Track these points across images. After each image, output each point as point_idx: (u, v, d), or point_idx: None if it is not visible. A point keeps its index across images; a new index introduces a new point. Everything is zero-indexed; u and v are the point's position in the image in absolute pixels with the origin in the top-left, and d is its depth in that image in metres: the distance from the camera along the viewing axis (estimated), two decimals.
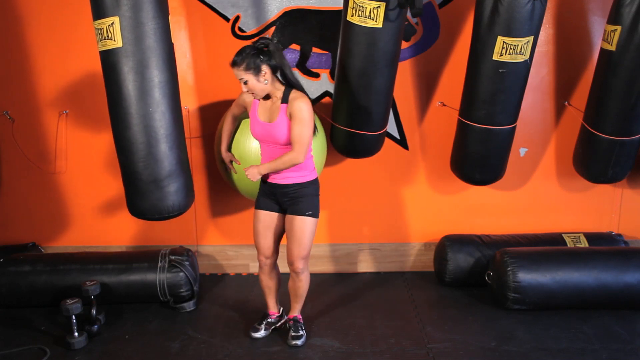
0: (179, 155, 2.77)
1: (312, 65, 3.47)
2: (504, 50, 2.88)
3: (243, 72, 2.52)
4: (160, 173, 2.71)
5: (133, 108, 2.62)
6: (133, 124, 2.63)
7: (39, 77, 3.46)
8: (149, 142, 2.66)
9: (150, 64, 2.60)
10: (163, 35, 2.62)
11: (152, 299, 3.23)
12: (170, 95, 2.69)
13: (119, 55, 2.56)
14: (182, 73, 3.44)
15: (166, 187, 2.74)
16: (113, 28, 2.52)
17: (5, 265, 3.23)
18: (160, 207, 2.76)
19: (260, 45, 2.53)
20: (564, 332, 2.93)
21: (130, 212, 2.86)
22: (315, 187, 2.70)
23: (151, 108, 2.63)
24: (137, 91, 2.60)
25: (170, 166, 2.73)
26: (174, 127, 2.73)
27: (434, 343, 2.85)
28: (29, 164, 3.57)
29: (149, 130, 2.65)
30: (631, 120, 3.10)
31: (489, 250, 3.42)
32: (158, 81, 2.63)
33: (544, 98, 3.57)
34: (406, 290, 3.49)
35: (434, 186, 3.69)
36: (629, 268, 3.09)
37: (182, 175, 2.80)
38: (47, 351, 2.79)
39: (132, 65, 2.57)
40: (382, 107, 3.09)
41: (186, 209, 2.89)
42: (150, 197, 2.74)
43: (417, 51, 3.46)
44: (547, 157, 3.67)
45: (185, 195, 2.84)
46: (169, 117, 2.69)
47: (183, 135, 2.85)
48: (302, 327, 2.88)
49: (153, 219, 2.81)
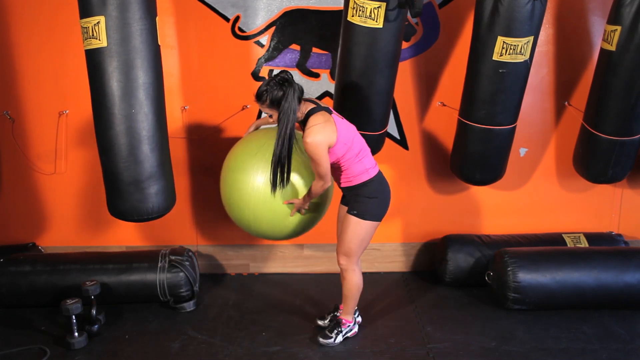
0: (160, 158, 2.73)
1: (312, 65, 3.47)
2: (504, 51, 2.89)
3: (267, 109, 2.54)
4: (141, 174, 2.67)
5: (116, 108, 2.59)
6: (115, 124, 2.61)
7: (39, 77, 3.46)
8: (130, 143, 2.63)
9: (135, 65, 2.58)
10: (149, 37, 2.60)
11: (152, 299, 3.23)
12: (154, 97, 2.66)
13: (103, 54, 2.54)
14: (182, 73, 3.44)
15: (147, 189, 2.70)
16: (99, 27, 2.51)
17: (5, 265, 3.23)
18: (140, 208, 2.73)
19: (279, 79, 2.51)
20: (564, 332, 2.93)
21: (110, 212, 2.82)
22: (368, 189, 2.69)
23: (134, 109, 2.61)
24: (121, 91, 2.58)
25: (152, 168, 2.69)
26: (157, 128, 2.70)
27: (434, 343, 2.85)
28: (29, 164, 3.57)
29: (131, 131, 2.62)
30: (631, 120, 3.09)
31: (489, 250, 3.42)
32: (142, 82, 2.60)
33: (544, 98, 3.57)
34: (406, 290, 3.49)
35: (434, 186, 3.69)
36: (629, 268, 3.09)
37: (163, 177, 2.77)
38: (47, 351, 2.79)
39: (116, 65, 2.55)
40: (383, 107, 3.09)
41: (166, 212, 2.85)
42: (130, 198, 2.70)
43: (417, 51, 3.46)
44: (547, 157, 3.67)
45: (165, 198, 2.80)
46: (152, 118, 2.66)
47: (166, 138, 2.81)
48: (337, 330, 2.86)
49: (132, 220, 2.78)
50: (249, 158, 2.73)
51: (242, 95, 3.49)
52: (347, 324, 2.87)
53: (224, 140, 3.57)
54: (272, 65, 3.47)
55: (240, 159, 2.76)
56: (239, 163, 2.76)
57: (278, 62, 3.46)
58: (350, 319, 2.88)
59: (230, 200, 2.79)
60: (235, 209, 2.79)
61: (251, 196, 2.68)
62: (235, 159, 2.79)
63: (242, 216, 2.77)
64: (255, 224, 2.77)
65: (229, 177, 2.78)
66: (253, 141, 2.81)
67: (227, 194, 2.80)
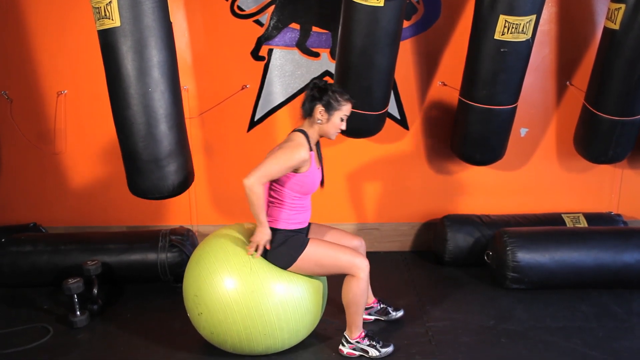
0: (178, 135, 2.76)
1: (312, 44, 3.44)
2: (506, 29, 2.86)
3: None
4: (160, 152, 2.71)
5: (132, 88, 2.60)
6: (132, 103, 2.62)
7: (37, 57, 3.43)
8: (148, 122, 2.65)
9: (149, 44, 2.57)
10: (161, 14, 2.59)
11: (153, 279, 3.25)
12: (169, 75, 2.67)
13: (117, 34, 2.53)
14: (181, 52, 3.41)
15: (166, 166, 2.74)
16: (111, 7, 2.49)
17: (7, 245, 3.25)
18: (160, 186, 2.77)
19: (313, 87, 2.46)
20: (562, 311, 2.96)
21: (132, 191, 2.87)
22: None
23: (150, 88, 2.61)
24: (136, 71, 2.58)
25: (170, 146, 2.72)
26: (173, 107, 2.72)
27: (433, 322, 2.87)
28: (29, 145, 3.56)
29: (149, 110, 2.64)
30: (633, 100, 3.08)
31: (489, 230, 3.43)
32: (157, 61, 2.60)
33: (546, 78, 3.54)
34: (406, 270, 3.52)
35: (433, 166, 3.69)
36: (627, 248, 3.11)
37: (181, 155, 2.80)
38: (50, 329, 2.82)
39: (130, 45, 2.54)
40: (384, 87, 3.07)
41: (185, 189, 2.90)
42: (151, 176, 2.74)
43: (417, 30, 3.43)
44: (547, 137, 3.66)
45: (185, 175, 2.84)
46: (168, 97, 2.68)
47: (182, 115, 2.84)
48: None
49: (154, 198, 2.82)
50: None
51: (241, 74, 3.47)
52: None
53: (224, 119, 3.55)
54: (272, 44, 3.44)
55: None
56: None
57: (277, 41, 3.43)
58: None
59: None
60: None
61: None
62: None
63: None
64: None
65: None
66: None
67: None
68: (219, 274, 2.37)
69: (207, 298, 2.38)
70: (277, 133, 3.57)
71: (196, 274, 2.44)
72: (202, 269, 2.42)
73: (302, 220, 2.53)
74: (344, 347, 2.58)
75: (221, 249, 2.44)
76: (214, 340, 2.50)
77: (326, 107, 2.41)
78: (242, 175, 2.47)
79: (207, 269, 2.41)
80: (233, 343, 2.44)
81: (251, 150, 3.60)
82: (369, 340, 2.56)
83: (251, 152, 3.60)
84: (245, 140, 3.60)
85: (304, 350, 2.62)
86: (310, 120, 2.47)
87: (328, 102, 2.41)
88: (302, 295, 2.43)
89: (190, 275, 2.48)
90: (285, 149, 2.38)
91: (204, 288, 2.39)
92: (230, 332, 2.39)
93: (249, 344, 2.43)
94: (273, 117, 3.56)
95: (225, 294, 2.35)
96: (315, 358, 2.57)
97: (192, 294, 2.45)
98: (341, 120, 2.46)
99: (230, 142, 3.60)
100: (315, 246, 2.46)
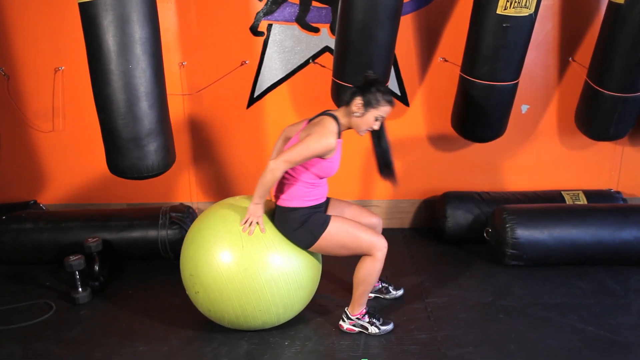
0: (159, 114, 2.70)
1: (311, 19, 3.39)
2: (509, 4, 2.81)
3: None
4: (140, 131, 2.65)
5: (113, 64, 2.54)
6: (113, 80, 2.56)
7: (34, 33, 3.39)
8: (128, 99, 2.59)
9: (131, 19, 2.50)
10: None
11: (153, 256, 3.28)
12: (151, 52, 2.60)
13: (98, 7, 2.46)
14: (179, 27, 3.36)
15: (146, 146, 2.69)
16: None
17: (7, 222, 3.26)
18: (139, 166, 2.72)
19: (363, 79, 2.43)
20: (560, 288, 2.98)
21: (110, 170, 2.81)
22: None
23: (131, 65, 2.55)
24: (117, 47, 2.52)
25: (151, 125, 2.67)
26: (155, 85, 2.65)
27: (432, 298, 2.90)
28: (27, 122, 3.54)
29: (129, 88, 2.58)
30: (636, 77, 3.05)
31: (488, 207, 3.44)
32: (139, 37, 2.54)
33: (548, 54, 3.50)
34: (405, 247, 3.53)
35: (434, 143, 3.67)
36: (625, 225, 3.12)
37: (162, 134, 2.74)
38: (53, 306, 2.85)
39: (111, 19, 2.48)
40: (384, 62, 3.04)
41: (166, 169, 2.84)
42: (130, 156, 2.69)
43: (418, 5, 3.38)
44: (549, 114, 3.64)
45: (165, 155, 2.79)
46: (150, 74, 2.61)
47: (164, 94, 2.77)
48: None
49: (132, 177, 2.77)
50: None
51: (240, 50, 3.43)
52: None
53: (223, 96, 3.53)
54: (271, 19, 3.39)
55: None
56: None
57: (277, 16, 3.38)
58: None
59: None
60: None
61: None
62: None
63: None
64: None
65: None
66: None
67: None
68: (212, 253, 2.39)
69: (202, 277, 2.41)
70: (277, 109, 3.55)
71: (191, 253, 2.47)
72: (197, 248, 2.44)
73: (319, 194, 2.52)
74: (344, 323, 2.61)
75: (213, 228, 2.45)
76: (212, 317, 2.54)
77: (365, 102, 2.38)
78: (242, 151, 2.49)
79: (201, 248, 2.42)
80: (230, 319, 2.48)
81: (251, 126, 3.58)
82: (369, 317, 2.59)
83: (251, 129, 3.59)
84: (244, 117, 3.58)
85: (304, 325, 2.65)
86: (346, 110, 2.43)
87: (368, 97, 2.37)
88: (295, 271, 2.45)
89: (186, 255, 2.51)
90: (314, 136, 2.33)
91: (199, 267, 2.42)
92: (227, 309, 2.43)
93: (245, 320, 2.46)
94: (273, 93, 3.54)
95: (219, 272, 2.37)
96: (315, 333, 2.60)
97: (188, 273, 2.48)
98: (375, 120, 2.42)
99: (230, 118, 3.58)
100: (337, 225, 2.45)
